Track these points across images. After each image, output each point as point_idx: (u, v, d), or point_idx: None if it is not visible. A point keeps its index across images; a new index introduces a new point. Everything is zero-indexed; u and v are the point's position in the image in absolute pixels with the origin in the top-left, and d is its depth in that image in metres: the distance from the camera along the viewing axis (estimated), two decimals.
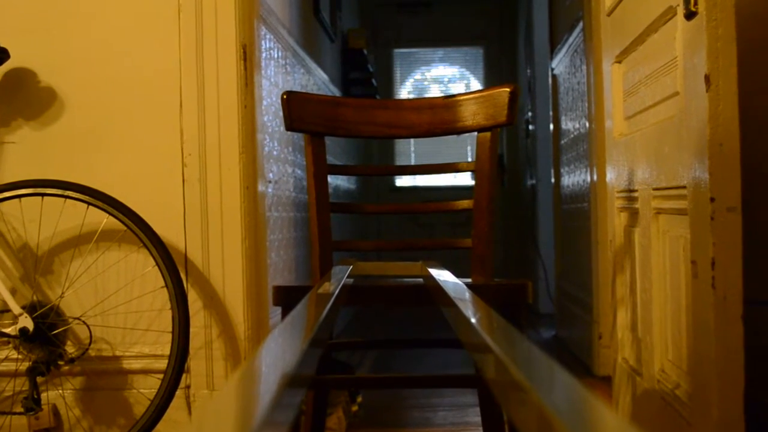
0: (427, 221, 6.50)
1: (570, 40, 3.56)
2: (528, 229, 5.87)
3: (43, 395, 2.22)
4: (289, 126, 1.78)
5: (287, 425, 0.50)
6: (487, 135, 1.77)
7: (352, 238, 5.19)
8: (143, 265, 2.29)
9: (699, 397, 1.40)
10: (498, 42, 6.72)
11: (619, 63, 2.01)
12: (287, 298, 1.46)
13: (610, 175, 2.12)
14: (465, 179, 6.62)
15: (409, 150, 6.77)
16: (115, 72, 2.33)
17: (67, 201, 2.14)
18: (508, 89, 1.73)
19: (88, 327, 2.22)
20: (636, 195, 1.83)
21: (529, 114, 5.62)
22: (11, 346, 2.17)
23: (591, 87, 3.12)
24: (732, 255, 1.30)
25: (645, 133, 1.74)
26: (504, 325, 0.71)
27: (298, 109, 1.78)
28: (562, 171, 4.03)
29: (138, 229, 2.10)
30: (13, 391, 2.24)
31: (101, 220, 2.20)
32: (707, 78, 1.31)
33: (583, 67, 3.27)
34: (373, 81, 5.84)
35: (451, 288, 1.09)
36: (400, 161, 6.81)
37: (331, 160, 4.25)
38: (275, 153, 3.01)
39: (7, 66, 2.30)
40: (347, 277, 1.37)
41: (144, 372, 2.31)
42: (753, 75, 1.53)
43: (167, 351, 2.11)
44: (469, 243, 1.79)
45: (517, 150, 6.37)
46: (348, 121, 1.82)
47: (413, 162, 6.78)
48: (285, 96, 1.77)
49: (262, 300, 2.39)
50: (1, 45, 2.24)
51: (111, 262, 2.31)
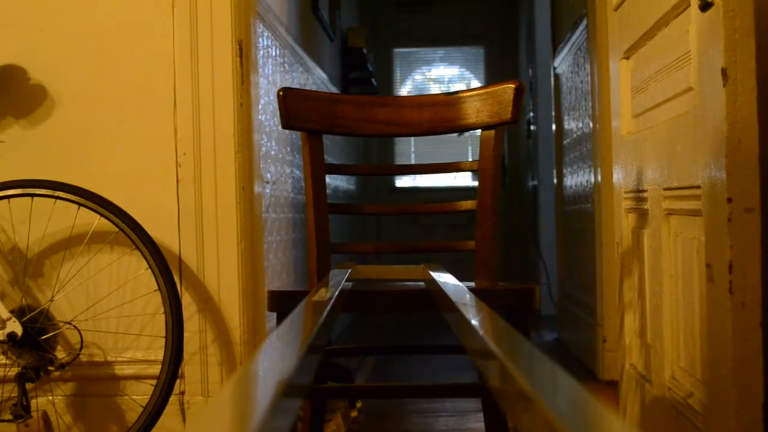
0: (427, 222, 6.43)
1: (573, 38, 3.50)
2: (529, 231, 5.81)
3: (33, 402, 2.16)
4: (286, 124, 1.72)
5: None
6: (491, 133, 1.70)
7: (350, 240, 5.13)
8: (136, 268, 2.22)
9: (715, 408, 1.34)
10: (499, 41, 6.66)
11: (627, 59, 1.95)
12: (282, 303, 1.40)
13: (617, 175, 2.06)
14: (465, 180, 6.57)
15: (409, 150, 6.70)
16: (108, 68, 2.27)
17: (58, 202, 2.09)
18: (512, 85, 1.67)
19: (79, 331, 2.16)
20: (645, 195, 1.77)
21: (531, 114, 5.57)
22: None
23: (595, 85, 3.07)
24: (750, 258, 1.23)
25: (655, 131, 1.68)
26: (510, 333, 0.69)
27: (294, 106, 1.71)
28: (564, 171, 3.97)
29: (130, 231, 2.05)
30: (1, 398, 2.18)
31: (93, 221, 2.14)
32: (724, 72, 1.24)
33: (587, 66, 3.21)
34: (373, 81, 5.78)
35: (455, 293, 1.05)
36: (400, 162, 6.75)
37: (330, 160, 4.19)
38: (273, 153, 2.94)
39: None
40: (345, 281, 1.32)
41: (137, 378, 2.24)
42: None
43: (161, 356, 2.05)
44: (473, 245, 1.73)
45: (519, 151, 6.31)
46: (346, 119, 1.75)
47: (413, 163, 6.72)
48: (281, 92, 1.70)
49: (258, 303, 2.32)
50: None
51: (103, 264, 2.24)
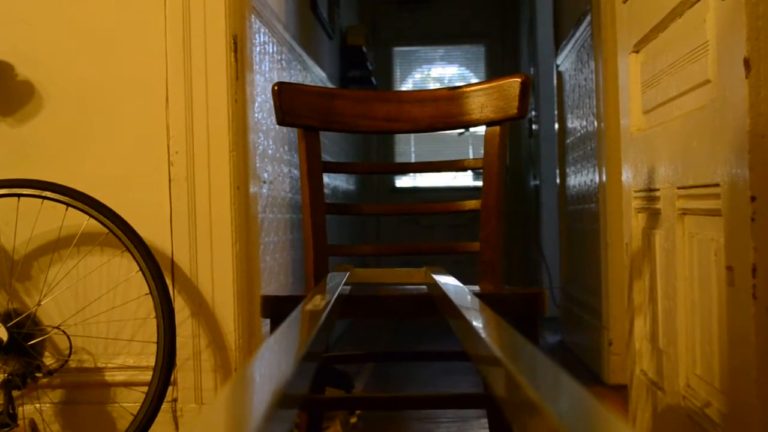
0: (428, 223, 6.35)
1: (577, 34, 3.42)
2: (531, 231, 5.74)
3: (20, 410, 2.09)
4: (281, 120, 1.64)
5: None
6: (496, 129, 1.62)
7: (349, 242, 5.05)
8: (127, 271, 2.15)
9: (735, 419, 1.26)
10: (500, 40, 6.58)
11: (637, 53, 1.87)
12: (276, 309, 1.32)
13: (626, 174, 1.98)
14: (466, 180, 6.49)
15: (409, 150, 6.62)
16: (98, 64, 2.19)
17: (45, 202, 2.03)
18: (519, 79, 1.59)
19: (67, 337, 2.09)
20: (657, 195, 1.69)
21: (533, 113, 5.50)
22: None
23: (600, 82, 2.99)
24: None
25: (668, 127, 1.60)
26: (518, 340, 0.65)
27: (290, 102, 1.64)
28: (567, 171, 3.90)
29: (121, 232, 1.98)
30: None
31: (81, 222, 2.07)
32: (746, 62, 1.17)
33: (591, 63, 3.14)
34: (373, 80, 5.70)
35: (459, 298, 0.98)
36: (399, 161, 6.67)
37: (328, 160, 4.11)
38: (270, 152, 2.87)
39: None
40: (343, 285, 1.24)
41: (127, 385, 2.17)
42: None
43: (152, 362, 1.97)
44: (476, 247, 1.65)
45: (520, 150, 6.23)
46: (345, 115, 1.67)
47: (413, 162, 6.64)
48: (276, 87, 1.62)
49: (254, 307, 2.25)
50: None
51: (92, 267, 2.17)
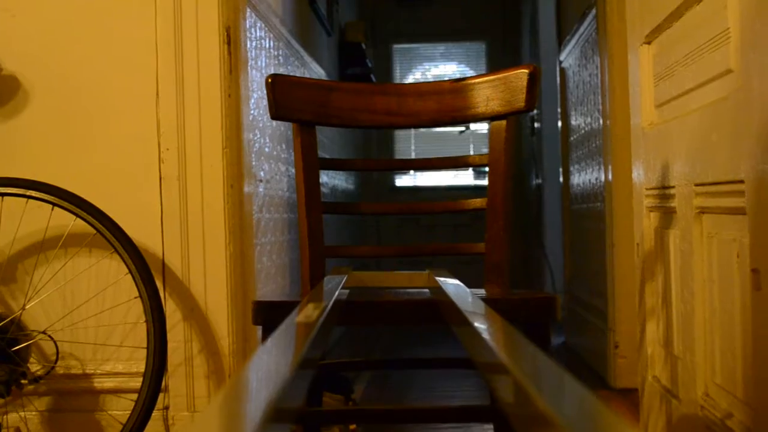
0: (429, 222, 6.26)
1: (581, 29, 3.34)
2: (533, 231, 5.65)
3: (4, 419, 2.01)
4: (275, 114, 1.56)
5: None
6: (503, 123, 1.54)
7: (348, 243, 4.95)
8: (116, 273, 2.06)
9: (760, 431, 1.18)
10: (501, 37, 6.50)
11: (649, 44, 1.79)
12: (268, 315, 1.23)
13: (636, 171, 1.89)
14: (467, 179, 6.39)
15: (410, 148, 6.53)
16: (86, 58, 2.11)
17: (30, 201, 1.95)
18: (526, 70, 1.50)
19: (54, 342, 2.01)
20: (672, 192, 1.61)
21: (535, 111, 5.41)
22: None
23: (605, 78, 2.91)
24: None
25: (684, 121, 1.52)
26: (530, 350, 0.62)
27: (284, 95, 1.55)
28: (571, 169, 3.81)
29: (109, 233, 1.90)
30: None
31: (68, 222, 1.98)
32: None
33: (596, 58, 3.05)
34: (372, 77, 5.61)
35: (465, 303, 0.91)
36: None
37: (325, 157, 4.03)
38: (267, 150, 2.78)
39: None
40: (341, 290, 1.15)
41: (117, 392, 2.08)
42: None
43: (143, 368, 1.89)
44: (482, 248, 1.56)
45: (522, 148, 6.14)
46: (342, 109, 1.59)
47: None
48: (269, 79, 1.54)
49: (248, 311, 2.16)
50: None
51: (80, 269, 2.08)
